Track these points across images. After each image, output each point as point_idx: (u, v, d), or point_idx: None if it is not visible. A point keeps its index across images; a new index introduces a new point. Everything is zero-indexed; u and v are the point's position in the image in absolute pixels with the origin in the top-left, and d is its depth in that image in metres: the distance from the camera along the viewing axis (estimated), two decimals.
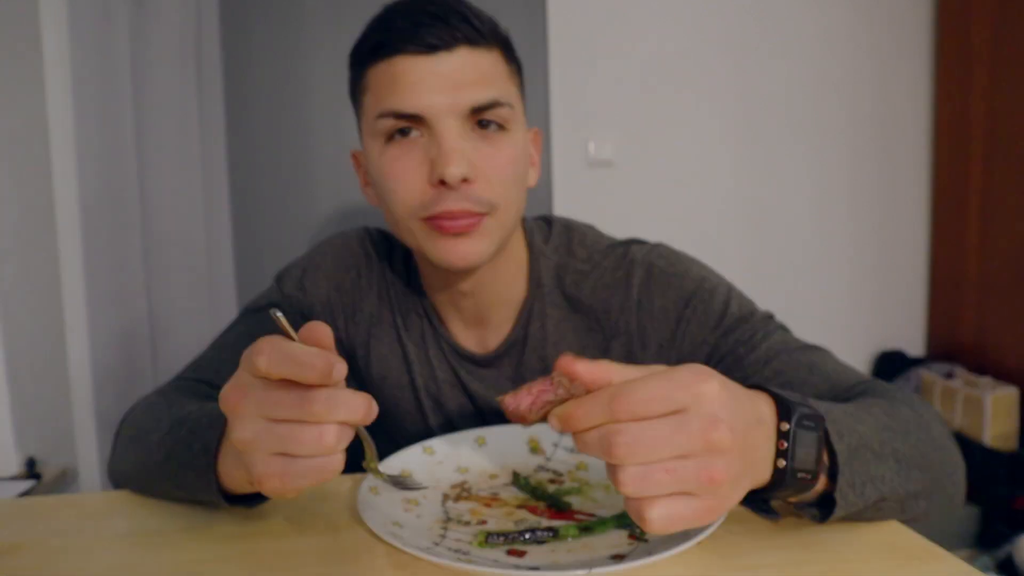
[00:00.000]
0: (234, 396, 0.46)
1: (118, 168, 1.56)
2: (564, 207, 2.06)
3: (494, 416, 0.83)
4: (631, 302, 0.79)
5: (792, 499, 0.52)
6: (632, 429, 0.42)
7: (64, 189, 1.54)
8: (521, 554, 0.54)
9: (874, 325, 2.38)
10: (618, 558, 0.52)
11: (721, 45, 2.17)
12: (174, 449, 0.60)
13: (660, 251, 0.81)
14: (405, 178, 0.69)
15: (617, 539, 0.56)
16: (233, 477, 0.55)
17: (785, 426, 0.48)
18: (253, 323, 0.83)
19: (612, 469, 0.44)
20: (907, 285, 2.40)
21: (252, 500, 0.59)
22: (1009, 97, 2.06)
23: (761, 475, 0.48)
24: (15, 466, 1.36)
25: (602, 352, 0.81)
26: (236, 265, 1.85)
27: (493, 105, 0.68)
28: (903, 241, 2.38)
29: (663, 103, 2.15)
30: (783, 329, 0.76)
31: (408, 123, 0.68)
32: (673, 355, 0.78)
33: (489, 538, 0.55)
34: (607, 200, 2.11)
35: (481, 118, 0.69)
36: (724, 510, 0.46)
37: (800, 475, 0.48)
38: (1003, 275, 2.11)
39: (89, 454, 1.60)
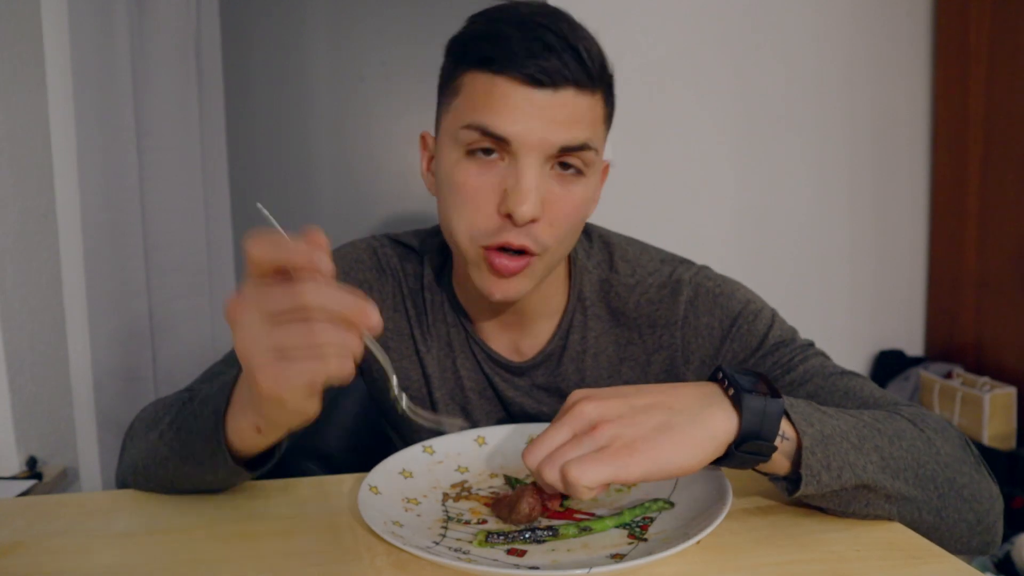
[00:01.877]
0: (233, 304, 0.48)
1: (118, 168, 1.56)
2: None
3: (526, 421, 0.83)
4: (677, 318, 0.80)
5: (778, 446, 0.55)
6: (529, 445, 0.55)
7: (65, 189, 1.55)
8: (521, 553, 0.54)
9: (873, 325, 2.38)
10: (617, 558, 0.52)
11: (721, 45, 2.17)
12: (185, 422, 0.62)
13: (707, 273, 0.83)
14: (476, 199, 0.68)
15: (616, 539, 0.56)
16: (240, 430, 0.57)
17: (720, 375, 0.58)
18: None
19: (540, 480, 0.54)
20: (906, 285, 2.40)
21: (259, 465, 0.62)
22: (1007, 97, 2.07)
23: (714, 418, 0.54)
24: (16, 465, 1.36)
25: (642, 365, 0.82)
26: (236, 265, 1.85)
27: (582, 148, 0.68)
28: (902, 240, 2.38)
29: (663, 103, 2.15)
30: (822, 355, 0.76)
31: (493, 143, 0.67)
32: None
33: (489, 537, 0.55)
34: (606, 200, 2.10)
35: (565, 160, 0.68)
36: (648, 455, 0.51)
37: (755, 393, 0.53)
38: (1002, 275, 2.11)
39: (90, 454, 1.60)
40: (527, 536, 0.56)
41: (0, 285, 1.32)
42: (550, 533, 0.56)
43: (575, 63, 0.65)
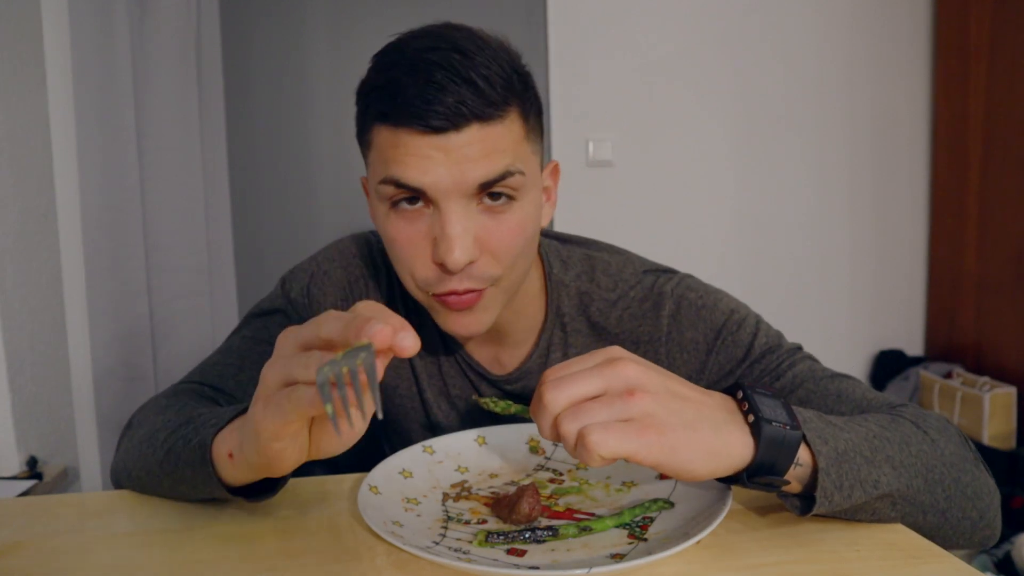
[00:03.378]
0: (284, 332, 0.49)
1: (119, 168, 1.56)
2: (563, 207, 2.06)
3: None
4: (660, 333, 0.79)
5: (790, 476, 0.53)
6: (557, 378, 0.50)
7: (65, 189, 1.55)
8: (521, 553, 0.54)
9: (873, 325, 2.38)
10: (617, 558, 0.52)
11: (720, 45, 2.17)
12: (175, 446, 0.61)
13: (689, 283, 0.81)
14: (409, 252, 0.67)
15: (616, 538, 0.56)
16: (219, 456, 0.56)
17: (740, 394, 0.54)
18: (258, 328, 0.83)
19: (558, 432, 0.50)
20: (906, 285, 2.40)
21: (254, 493, 0.60)
22: (1007, 97, 2.07)
23: (733, 436, 0.52)
24: (16, 465, 1.36)
25: None
26: (236, 265, 1.85)
27: (503, 177, 0.65)
28: (902, 241, 2.38)
29: (662, 103, 2.15)
30: (811, 359, 0.76)
31: (411, 194, 0.65)
32: (701, 385, 0.78)
33: (489, 537, 0.55)
34: (606, 200, 2.11)
35: (490, 191, 0.66)
36: (670, 443, 0.49)
37: (775, 424, 0.51)
38: (1001, 275, 2.11)
39: (90, 454, 1.60)
40: (527, 536, 0.56)
41: (0, 285, 1.32)
42: (550, 533, 0.56)
43: (473, 96, 0.62)
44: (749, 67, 2.19)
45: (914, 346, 2.41)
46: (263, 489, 0.60)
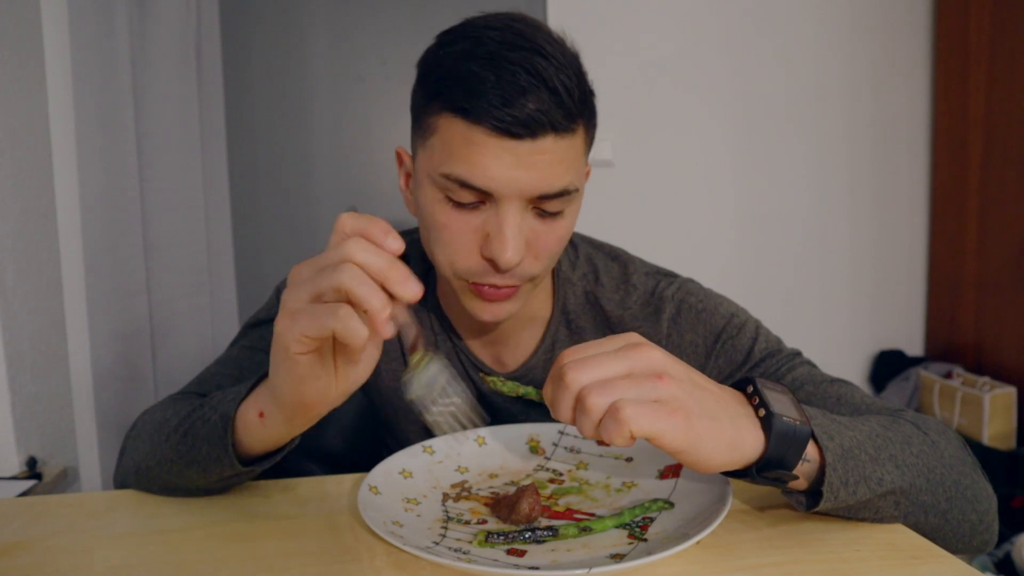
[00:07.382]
0: (296, 266, 0.51)
1: (118, 168, 1.56)
2: None
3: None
4: (660, 336, 0.80)
5: (799, 472, 0.53)
6: (580, 359, 0.50)
7: (65, 189, 1.54)
8: (521, 553, 0.54)
9: (873, 325, 2.38)
10: (617, 558, 0.52)
11: (721, 45, 2.17)
12: (192, 427, 0.63)
13: (689, 287, 0.82)
14: (456, 242, 0.68)
15: (616, 539, 0.56)
16: (247, 423, 0.58)
17: (750, 389, 0.55)
18: (255, 338, 0.83)
19: (581, 411, 0.49)
20: (906, 285, 2.40)
21: (264, 461, 0.62)
22: (1007, 98, 2.07)
23: (747, 430, 0.51)
24: (16, 466, 1.36)
25: None
26: (236, 265, 1.85)
27: (562, 194, 0.67)
28: (902, 241, 2.38)
29: (662, 103, 2.15)
30: (810, 364, 0.76)
31: (474, 196, 0.65)
32: None
33: (489, 537, 0.55)
34: (606, 200, 2.11)
35: (544, 206, 0.67)
36: (696, 429, 0.48)
37: (786, 419, 0.51)
38: (1001, 275, 2.11)
39: (90, 454, 1.60)
40: (527, 536, 0.56)
41: (0, 285, 1.32)
42: (550, 533, 0.56)
43: (553, 105, 0.62)
44: (749, 67, 2.19)
45: (914, 346, 2.41)
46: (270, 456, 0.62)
